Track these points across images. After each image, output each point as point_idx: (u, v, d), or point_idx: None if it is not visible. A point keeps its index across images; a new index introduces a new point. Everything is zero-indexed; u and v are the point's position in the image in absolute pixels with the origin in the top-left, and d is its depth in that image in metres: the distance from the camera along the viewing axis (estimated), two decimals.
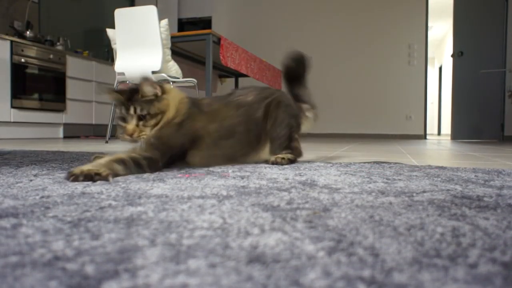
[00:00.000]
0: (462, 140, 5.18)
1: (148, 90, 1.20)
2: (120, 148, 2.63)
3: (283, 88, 1.79)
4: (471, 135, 5.48)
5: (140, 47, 3.29)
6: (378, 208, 0.68)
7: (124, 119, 1.19)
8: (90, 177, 0.93)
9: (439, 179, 1.09)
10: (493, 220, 0.60)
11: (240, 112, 1.39)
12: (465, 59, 5.48)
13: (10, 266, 0.38)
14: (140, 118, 1.18)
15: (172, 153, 1.20)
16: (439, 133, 10.66)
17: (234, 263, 0.39)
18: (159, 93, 1.22)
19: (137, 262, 0.39)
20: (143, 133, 1.18)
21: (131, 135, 1.17)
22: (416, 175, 1.16)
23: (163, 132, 1.20)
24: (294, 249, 0.44)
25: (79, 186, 0.90)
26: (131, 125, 1.18)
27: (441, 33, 9.63)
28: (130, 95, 1.20)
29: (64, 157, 1.69)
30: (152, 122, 1.19)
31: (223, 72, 5.41)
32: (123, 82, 3.56)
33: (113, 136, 5.21)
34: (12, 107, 4.27)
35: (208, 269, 0.38)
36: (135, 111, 1.18)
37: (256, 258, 0.41)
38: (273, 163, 1.44)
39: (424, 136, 6.09)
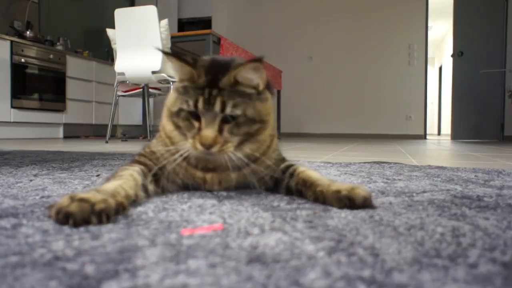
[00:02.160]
0: (462, 140, 5.18)
1: (250, 76, 0.70)
2: (121, 148, 2.63)
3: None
4: (471, 135, 5.47)
5: (140, 47, 3.29)
6: (378, 208, 0.68)
7: (194, 116, 0.70)
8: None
9: (439, 179, 1.09)
10: (493, 220, 0.60)
11: None
12: (465, 59, 5.47)
13: (10, 266, 0.38)
14: (225, 120, 0.70)
15: None
16: (439, 133, 10.66)
17: (234, 263, 0.39)
18: (263, 86, 0.73)
19: (137, 262, 0.39)
20: (228, 146, 0.70)
21: (208, 146, 0.68)
22: (416, 175, 1.16)
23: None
24: (294, 249, 0.44)
25: (79, 186, 0.90)
26: (211, 129, 0.68)
27: (441, 33, 9.63)
28: (214, 76, 0.69)
29: (64, 157, 1.69)
30: (244, 131, 0.71)
31: None
32: (123, 82, 3.56)
33: (113, 136, 5.21)
34: (12, 107, 4.27)
35: (208, 269, 0.38)
36: (222, 108, 0.68)
37: (256, 258, 0.41)
38: None
39: (424, 136, 6.09)
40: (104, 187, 0.62)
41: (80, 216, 0.52)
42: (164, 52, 0.71)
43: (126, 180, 0.68)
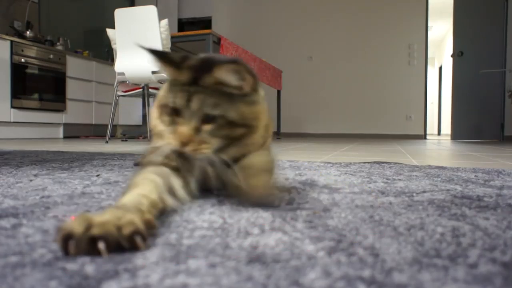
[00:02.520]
0: (462, 140, 5.18)
1: (230, 78, 0.67)
2: (121, 148, 2.63)
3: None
4: (471, 135, 5.47)
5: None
6: (378, 208, 0.68)
7: (175, 112, 0.67)
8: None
9: (439, 179, 1.09)
10: (493, 220, 0.60)
11: None
12: (465, 59, 5.47)
13: (10, 266, 0.38)
14: (206, 119, 0.67)
15: None
16: (439, 133, 10.66)
17: (234, 263, 0.39)
18: (247, 88, 0.70)
19: (137, 262, 0.39)
20: (205, 147, 0.67)
21: (183, 143, 0.66)
22: (416, 175, 1.16)
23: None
24: (294, 249, 0.44)
25: (79, 186, 0.90)
26: (187, 126, 0.66)
27: (441, 33, 9.63)
28: (198, 73, 0.66)
29: (64, 157, 1.69)
30: (224, 133, 0.68)
31: None
32: (123, 82, 3.56)
33: (113, 136, 5.21)
34: (12, 107, 4.27)
35: (208, 269, 0.38)
36: (200, 106, 0.66)
37: (256, 258, 0.41)
38: None
39: (424, 136, 6.09)
40: (122, 203, 0.52)
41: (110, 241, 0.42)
42: (150, 51, 0.67)
43: (143, 185, 0.60)
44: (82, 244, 0.41)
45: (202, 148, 0.67)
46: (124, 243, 0.42)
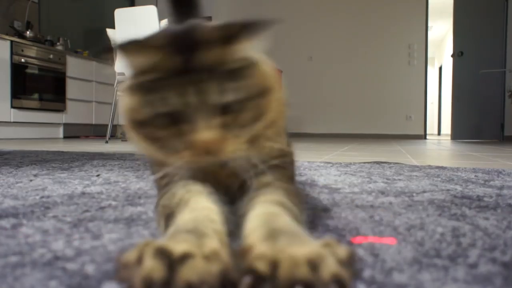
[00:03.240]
0: (462, 140, 5.17)
1: (244, 52, 0.49)
2: (121, 148, 2.63)
3: None
4: (471, 135, 5.47)
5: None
6: (378, 208, 0.68)
7: (178, 118, 0.47)
8: None
9: (439, 179, 1.09)
10: (493, 220, 0.60)
11: None
12: (465, 59, 5.47)
13: (10, 266, 0.38)
14: (224, 110, 0.47)
15: None
16: (439, 133, 10.66)
17: None
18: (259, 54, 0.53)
19: None
20: (235, 142, 0.49)
21: (214, 150, 0.47)
22: (416, 175, 1.16)
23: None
24: None
25: (79, 186, 0.90)
26: (209, 130, 0.46)
27: (441, 33, 9.63)
28: (190, 53, 0.46)
29: (64, 157, 1.69)
30: (248, 117, 0.49)
31: None
32: (123, 82, 3.56)
33: (113, 136, 5.20)
34: (12, 107, 4.27)
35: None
36: (220, 95, 0.47)
37: None
38: None
39: (424, 136, 6.09)
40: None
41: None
42: (109, 49, 0.52)
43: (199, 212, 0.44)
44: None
45: (236, 147, 0.49)
46: None
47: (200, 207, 0.44)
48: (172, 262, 0.31)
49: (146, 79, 0.48)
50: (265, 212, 0.44)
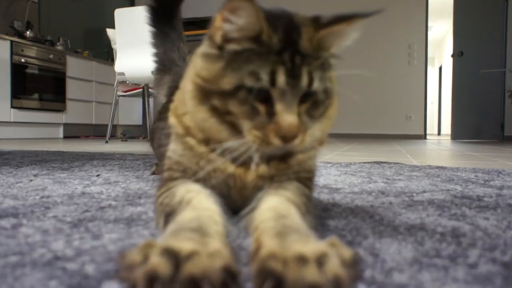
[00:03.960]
0: (462, 140, 5.17)
1: (338, 40, 0.52)
2: (121, 148, 2.63)
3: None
4: (471, 135, 5.47)
5: (140, 47, 3.28)
6: (378, 208, 0.68)
7: (260, 96, 0.46)
8: None
9: (439, 179, 1.09)
10: (493, 220, 0.60)
11: None
12: (465, 59, 5.47)
13: (10, 266, 0.38)
14: (303, 99, 0.47)
15: None
16: (439, 133, 10.66)
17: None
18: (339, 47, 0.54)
19: None
20: (309, 134, 0.50)
21: (291, 138, 0.46)
22: (416, 175, 1.16)
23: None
24: None
25: (79, 186, 0.90)
26: (293, 114, 0.46)
27: (441, 33, 9.62)
28: (287, 35, 0.48)
29: (64, 157, 1.69)
30: (321, 111, 0.51)
31: None
32: (123, 82, 3.56)
33: (113, 136, 5.20)
34: (12, 107, 4.27)
35: None
36: (310, 82, 0.47)
37: None
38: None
39: (424, 136, 6.09)
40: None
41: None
42: None
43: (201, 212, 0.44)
44: None
45: (307, 137, 0.48)
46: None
47: (203, 207, 0.45)
48: (178, 261, 0.31)
49: (237, 49, 0.47)
50: (277, 206, 0.45)
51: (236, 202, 0.54)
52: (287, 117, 0.45)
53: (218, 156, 0.51)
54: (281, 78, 0.45)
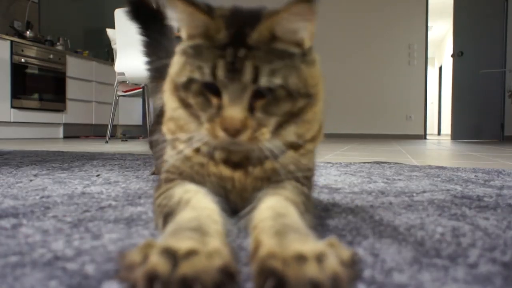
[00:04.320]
0: (462, 140, 5.18)
1: (294, 26, 0.49)
2: (121, 148, 2.63)
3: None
4: (471, 135, 5.47)
5: (140, 47, 3.29)
6: (378, 208, 0.68)
7: (211, 89, 0.48)
8: None
9: (439, 179, 1.09)
10: (493, 220, 0.60)
11: None
12: (465, 59, 5.47)
13: (10, 266, 0.38)
14: (258, 94, 0.47)
15: None
16: (439, 133, 10.66)
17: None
18: (310, 43, 0.53)
19: None
20: (264, 131, 0.48)
21: (234, 132, 0.46)
22: (416, 175, 1.16)
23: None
24: None
25: (79, 186, 0.90)
26: (238, 108, 0.46)
27: (441, 33, 9.63)
28: (239, 29, 0.48)
29: (64, 157, 1.69)
30: (285, 109, 0.49)
31: None
32: (123, 82, 3.56)
33: (113, 136, 5.21)
34: (12, 107, 4.27)
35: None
36: (255, 76, 0.46)
37: None
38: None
39: (424, 136, 6.09)
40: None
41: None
42: None
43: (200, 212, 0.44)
44: None
45: (260, 134, 0.47)
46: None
47: (202, 206, 0.45)
48: (177, 259, 0.32)
49: (192, 44, 0.50)
50: (276, 205, 0.45)
51: (237, 204, 0.55)
52: (230, 110, 0.46)
53: (186, 146, 0.53)
54: (220, 72, 0.46)
